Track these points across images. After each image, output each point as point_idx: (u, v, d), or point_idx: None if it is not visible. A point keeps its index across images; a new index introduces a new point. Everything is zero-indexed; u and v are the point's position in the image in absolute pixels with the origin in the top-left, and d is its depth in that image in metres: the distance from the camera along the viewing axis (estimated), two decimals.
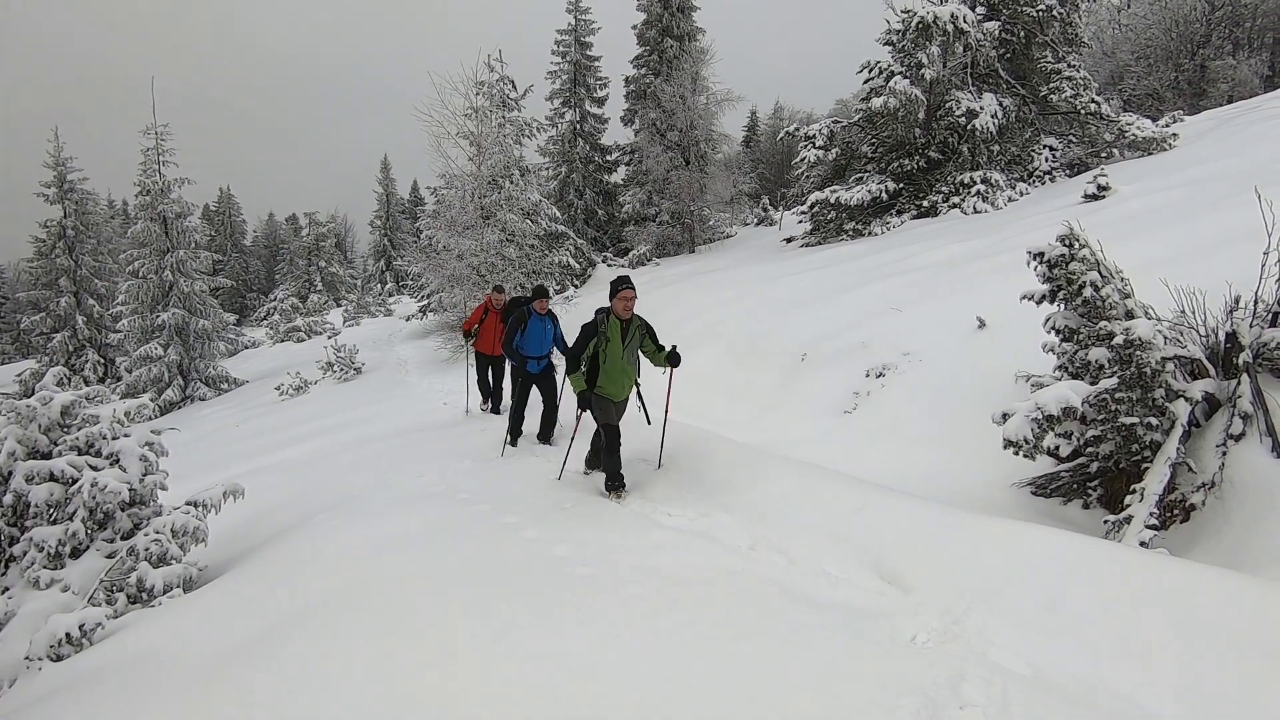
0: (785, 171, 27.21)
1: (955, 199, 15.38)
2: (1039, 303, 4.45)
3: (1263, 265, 4.27)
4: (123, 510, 4.38)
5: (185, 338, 19.08)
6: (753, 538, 3.94)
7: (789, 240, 18.55)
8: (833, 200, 16.47)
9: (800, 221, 18.89)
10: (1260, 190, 5.15)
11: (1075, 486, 4.69)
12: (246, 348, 27.97)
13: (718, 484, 4.64)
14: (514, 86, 22.51)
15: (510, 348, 6.77)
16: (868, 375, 7.47)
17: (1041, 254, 4.21)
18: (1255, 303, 4.28)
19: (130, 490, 4.34)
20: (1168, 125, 17.33)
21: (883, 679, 2.32)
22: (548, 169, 27.04)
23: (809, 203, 17.22)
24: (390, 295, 39.60)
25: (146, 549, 4.22)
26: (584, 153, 26.74)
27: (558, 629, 2.84)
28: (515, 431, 6.84)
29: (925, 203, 16.04)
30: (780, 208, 25.42)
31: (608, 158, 27.65)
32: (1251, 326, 4.22)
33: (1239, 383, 4.15)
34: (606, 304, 5.33)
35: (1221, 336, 4.34)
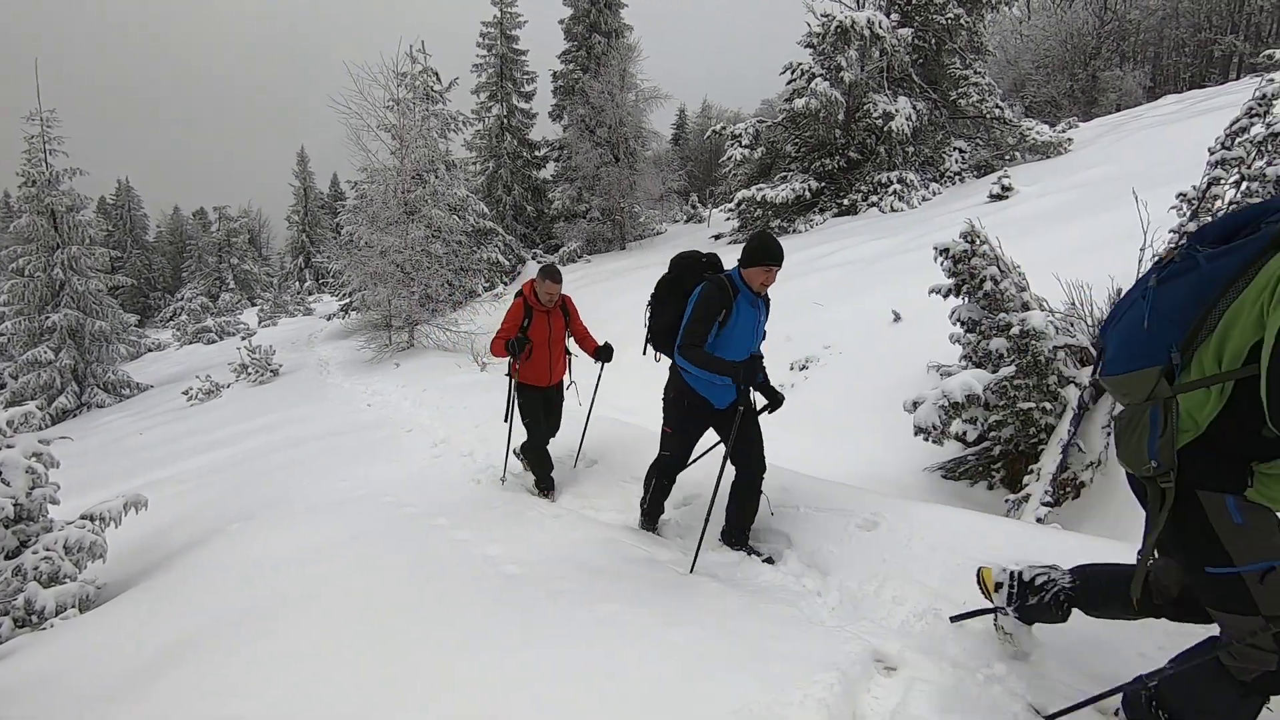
0: (714, 169, 27.70)
1: (874, 198, 16.02)
2: (946, 296, 4.70)
3: (1139, 261, 4.65)
4: (6, 527, 4.05)
5: (80, 340, 17.73)
6: (682, 528, 4.01)
7: (717, 237, 18.87)
8: (759, 198, 16.86)
9: (728, 219, 19.26)
10: (1137, 193, 5.62)
11: (981, 469, 4.98)
12: (150, 350, 26.23)
13: (642, 476, 4.67)
14: (438, 79, 21.95)
15: (701, 357, 3.29)
16: (792, 368, 7.70)
17: (947, 250, 4.46)
18: None
19: (15, 505, 4.02)
20: (1064, 130, 18.58)
21: (804, 656, 2.41)
22: (475, 164, 26.53)
23: (736, 200, 17.57)
24: (310, 294, 37.95)
25: (35, 568, 3.92)
26: (512, 148, 26.37)
27: (485, 626, 2.81)
28: (654, 516, 4.14)
29: (846, 201, 16.63)
30: (709, 205, 25.83)
31: (536, 153, 27.36)
32: None
33: None
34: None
35: None
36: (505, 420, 5.14)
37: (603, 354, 5.16)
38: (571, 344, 5.25)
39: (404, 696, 2.31)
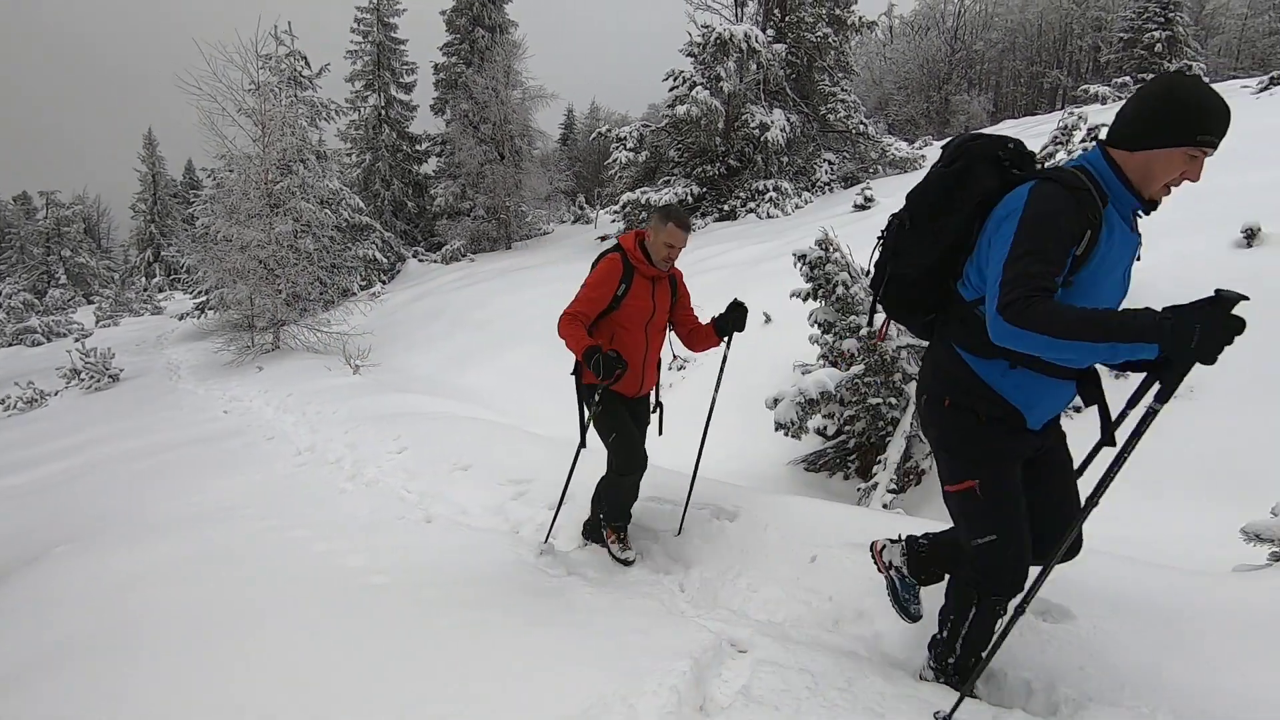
0: (601, 171, 27.88)
1: (751, 204, 16.73)
2: (805, 300, 5.02)
3: None
4: None
5: None
6: (556, 527, 4.02)
7: (604, 238, 19.01)
8: (643, 201, 17.15)
9: (614, 220, 19.44)
10: None
11: (838, 460, 5.35)
12: None
13: (519, 479, 4.66)
14: (307, 63, 20.67)
15: (1074, 316, 1.63)
16: (670, 368, 7.91)
17: (804, 256, 4.77)
18: None
19: None
20: (920, 148, 20.27)
21: (661, 647, 2.50)
22: (350, 155, 25.18)
23: (621, 202, 17.78)
24: (160, 291, 34.48)
25: None
26: (391, 140, 25.26)
27: (346, 640, 2.70)
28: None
29: (726, 207, 17.27)
30: (596, 206, 25.95)
31: (417, 147, 26.37)
32: None
33: None
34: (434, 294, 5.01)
35: None
36: (580, 445, 3.51)
37: (730, 322, 3.33)
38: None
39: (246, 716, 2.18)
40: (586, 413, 3.40)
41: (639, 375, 3.38)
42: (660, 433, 3.65)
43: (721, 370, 3.62)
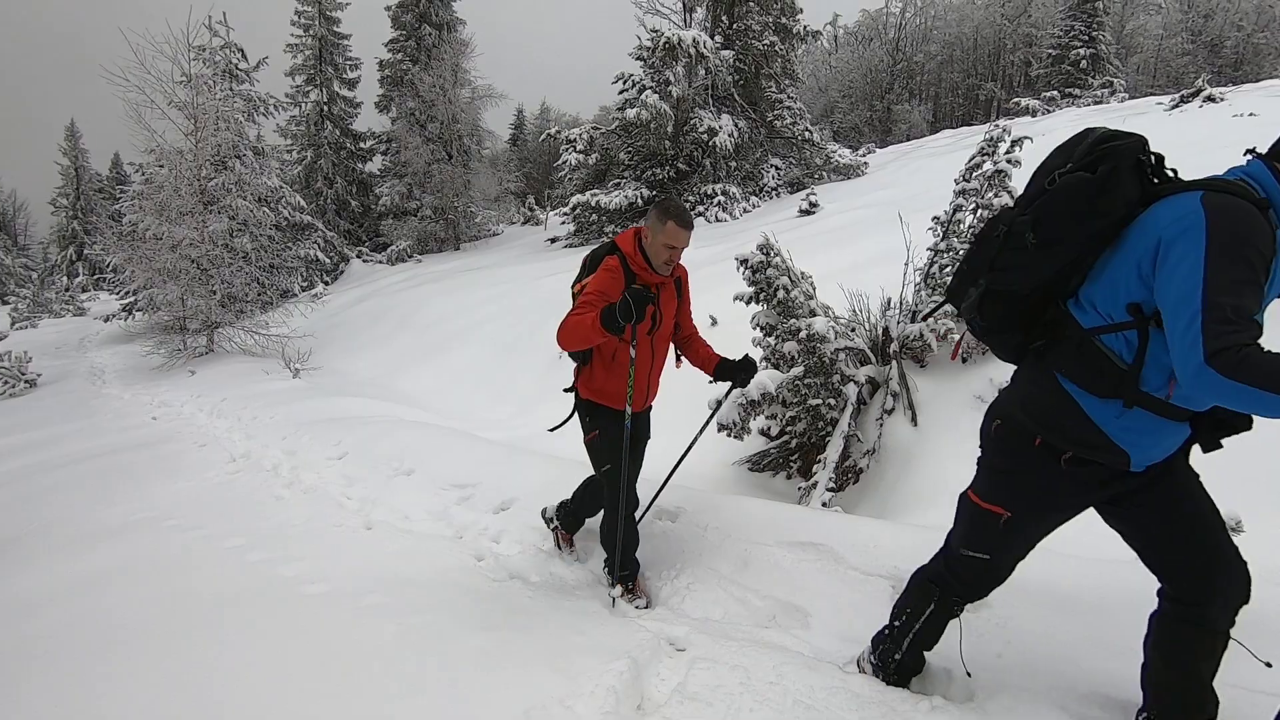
0: (551, 172, 27.74)
1: (700, 208, 16.92)
2: (748, 303, 5.13)
3: (904, 275, 5.38)
4: None
5: None
6: (497, 531, 4.01)
7: (554, 240, 18.94)
8: (593, 203, 17.15)
9: (564, 223, 19.39)
10: (904, 216, 6.48)
11: (781, 460, 5.47)
12: None
13: (463, 483, 4.62)
14: (244, 56, 19.96)
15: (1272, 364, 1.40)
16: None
17: (746, 260, 4.87)
18: (900, 304, 5.38)
19: None
20: (863, 155, 20.85)
21: (601, 648, 2.53)
22: (291, 152, 24.42)
23: (571, 205, 17.75)
24: (84, 291, 32.69)
25: None
26: (334, 138, 24.60)
27: (281, 650, 2.64)
28: None
29: None
30: (547, 208, 25.82)
31: (362, 145, 25.75)
32: (898, 323, 5.30)
33: (891, 368, 5.19)
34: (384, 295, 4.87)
35: (879, 331, 5.39)
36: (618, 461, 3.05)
37: (736, 372, 3.20)
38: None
39: None
40: (584, 426, 3.10)
41: (644, 389, 3.06)
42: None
43: (712, 416, 3.78)
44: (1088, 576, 2.65)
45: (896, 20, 49.63)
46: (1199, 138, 10.69)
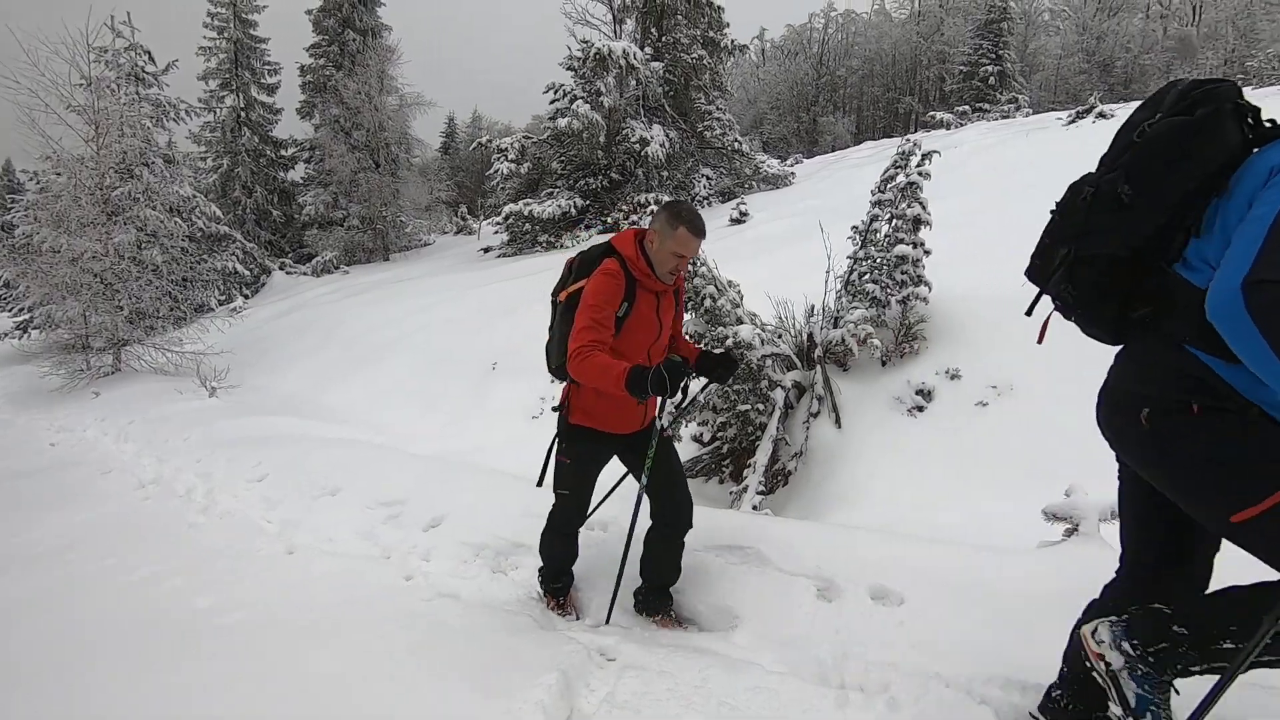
0: (483, 181, 27.42)
1: (634, 217, 17.03)
2: None
3: (825, 283, 5.58)
4: None
5: None
6: (427, 549, 3.93)
7: (487, 250, 18.72)
8: (526, 213, 17.06)
9: (496, 232, 19.19)
10: (829, 224, 6.72)
11: (714, 466, 5.58)
12: None
13: (391, 501, 4.51)
14: (151, 59, 18.94)
15: None
16: (552, 381, 7.90)
17: None
18: (823, 311, 5.58)
19: None
20: (791, 165, 21.48)
21: (531, 663, 2.52)
22: (205, 160, 23.31)
23: (504, 214, 17.60)
24: None
25: None
26: (252, 145, 23.63)
27: (194, 685, 2.51)
28: None
29: (610, 219, 17.51)
30: (480, 217, 25.47)
31: (283, 152, 24.82)
32: (821, 329, 5.49)
33: (816, 372, 5.37)
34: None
35: (804, 337, 5.57)
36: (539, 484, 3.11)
37: (718, 368, 2.92)
38: None
39: None
40: (553, 456, 2.93)
41: (641, 406, 2.75)
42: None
43: (682, 402, 3.07)
44: (977, 562, 2.81)
45: (820, 36, 51.46)
46: (1092, 150, 11.48)
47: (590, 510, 3.13)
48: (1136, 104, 1.81)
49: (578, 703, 2.31)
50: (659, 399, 2.56)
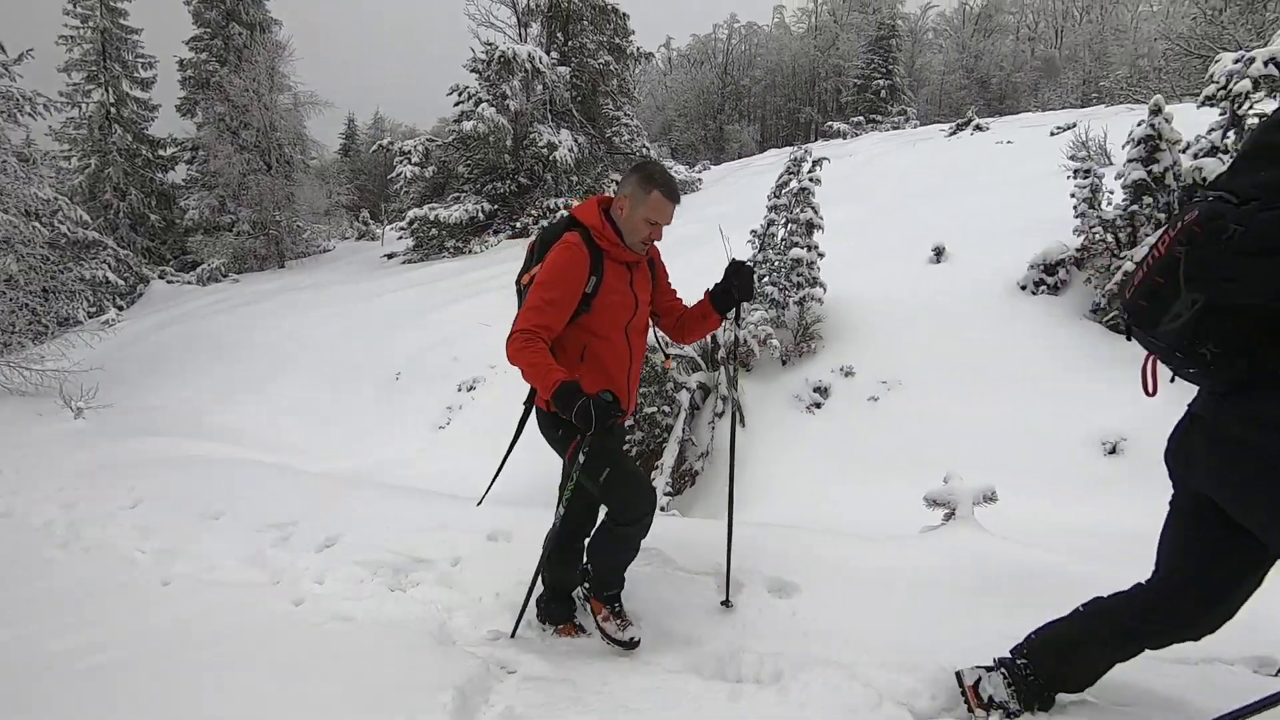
0: (387, 185, 26.47)
1: (544, 222, 16.92)
2: None
3: None
4: None
5: None
6: (320, 571, 3.73)
7: (391, 256, 18.07)
8: (432, 218, 16.60)
9: (400, 237, 18.57)
10: (733, 229, 6.90)
11: None
12: None
13: (281, 523, 4.26)
14: (1, 48, 17.10)
15: None
16: (460, 389, 7.73)
17: None
18: None
19: None
20: (698, 171, 21.94)
21: (424, 683, 2.44)
22: (70, 159, 21.34)
23: (409, 219, 17.05)
24: None
25: None
26: (125, 143, 21.83)
27: None
28: None
29: (519, 224, 17.30)
30: (383, 222, 24.54)
31: (161, 152, 23.07)
32: (724, 331, 5.62)
33: (719, 373, 5.49)
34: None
35: (708, 339, 5.69)
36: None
37: (733, 289, 2.57)
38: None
39: None
40: (557, 443, 2.56)
41: (624, 395, 2.46)
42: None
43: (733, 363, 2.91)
44: (864, 550, 2.96)
45: (724, 46, 52.89)
46: (969, 159, 12.41)
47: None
48: (1009, 118, 1.83)
49: (476, 719, 2.26)
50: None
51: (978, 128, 17.68)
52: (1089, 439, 4.82)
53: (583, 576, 2.63)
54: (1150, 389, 1.62)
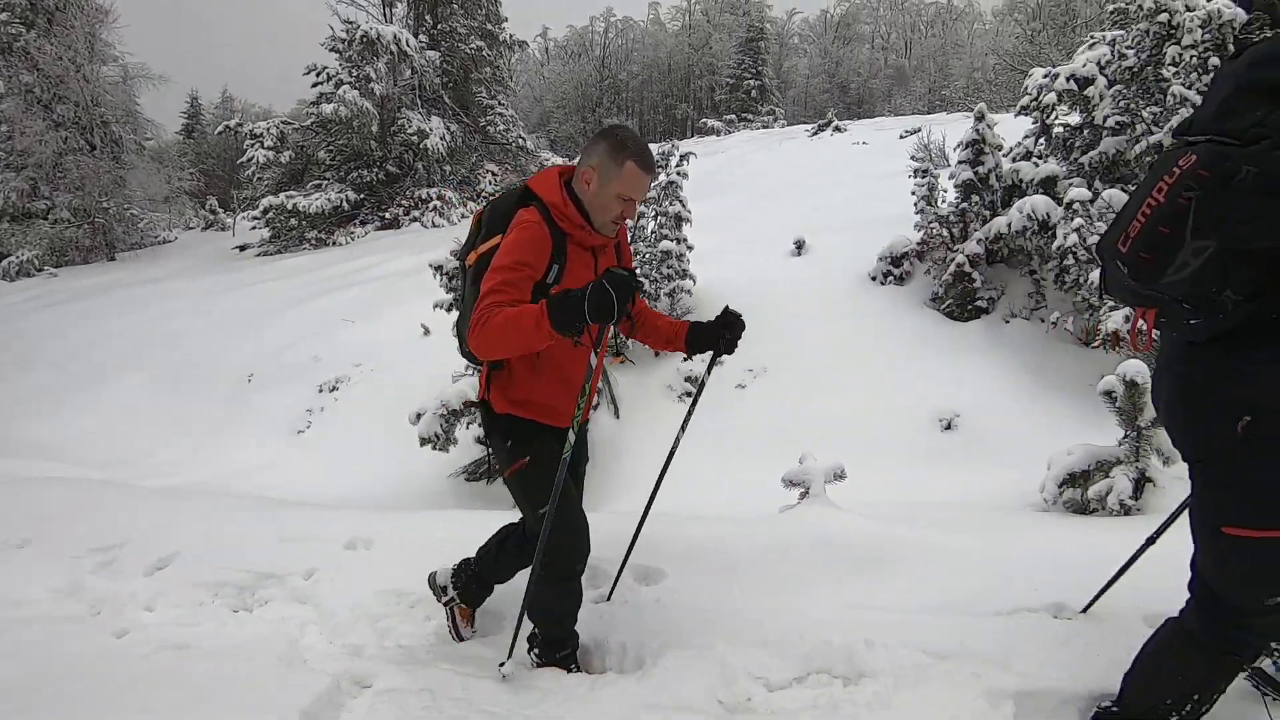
0: (237, 170, 24.24)
1: (415, 212, 16.23)
2: (448, 310, 5.02)
3: None
4: None
5: None
6: (150, 596, 3.37)
7: (243, 248, 16.64)
8: (290, 207, 15.45)
9: (254, 227, 17.13)
10: None
11: (496, 466, 5.47)
12: None
13: (103, 546, 3.81)
14: None
15: None
16: (321, 390, 7.25)
17: (440, 267, 4.77)
18: None
19: None
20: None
21: (265, 707, 2.27)
22: None
23: (263, 208, 15.76)
24: None
25: None
26: None
27: None
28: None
29: (388, 214, 16.47)
30: (235, 210, 22.49)
31: None
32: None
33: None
34: None
35: None
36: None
37: (716, 339, 2.38)
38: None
39: None
40: (503, 454, 2.24)
41: (585, 407, 2.13)
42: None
43: (695, 401, 2.60)
44: (726, 532, 3.08)
45: (601, 39, 52.93)
46: (829, 158, 13.21)
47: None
48: (865, 121, 1.86)
49: None
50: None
51: (837, 129, 18.82)
52: (930, 417, 5.28)
53: (531, 642, 2.41)
54: (1144, 345, 1.57)
